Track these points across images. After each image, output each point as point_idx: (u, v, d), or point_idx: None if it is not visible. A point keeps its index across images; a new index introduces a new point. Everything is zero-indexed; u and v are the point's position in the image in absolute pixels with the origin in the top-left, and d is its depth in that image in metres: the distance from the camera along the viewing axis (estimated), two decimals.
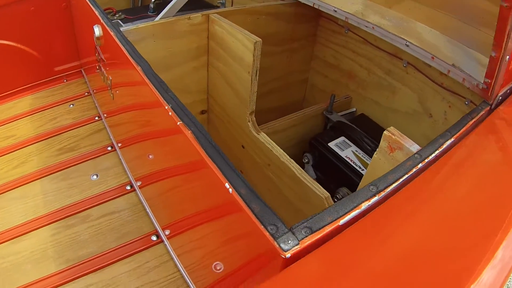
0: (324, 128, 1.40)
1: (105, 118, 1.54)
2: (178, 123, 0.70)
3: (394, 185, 0.56)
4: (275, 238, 0.46)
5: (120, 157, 1.37)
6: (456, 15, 0.91)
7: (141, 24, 1.17)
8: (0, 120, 1.59)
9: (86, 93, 1.77)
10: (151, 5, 1.90)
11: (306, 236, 0.47)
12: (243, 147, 1.23)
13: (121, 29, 1.10)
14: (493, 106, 0.82)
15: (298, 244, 0.46)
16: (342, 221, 0.49)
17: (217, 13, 1.22)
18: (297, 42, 1.45)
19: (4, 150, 1.43)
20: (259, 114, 1.22)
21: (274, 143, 1.08)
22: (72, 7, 1.66)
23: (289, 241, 0.46)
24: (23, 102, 1.70)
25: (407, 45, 0.92)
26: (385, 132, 0.76)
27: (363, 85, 1.38)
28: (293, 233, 0.47)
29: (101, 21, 1.08)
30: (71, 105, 1.69)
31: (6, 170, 1.35)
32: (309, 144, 1.29)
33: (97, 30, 1.10)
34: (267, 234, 0.47)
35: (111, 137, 1.47)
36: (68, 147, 1.47)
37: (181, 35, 1.21)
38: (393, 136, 0.74)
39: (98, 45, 1.13)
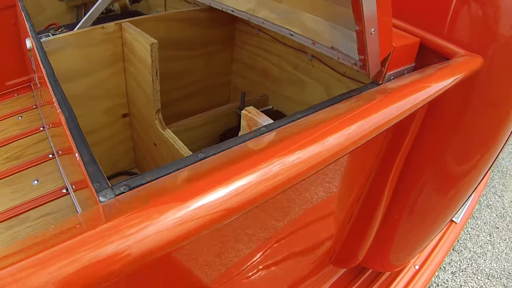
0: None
1: (48, 128, 1.65)
2: (58, 111, 0.79)
3: (222, 152, 0.62)
4: (96, 192, 0.55)
5: (58, 163, 1.48)
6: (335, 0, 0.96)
7: (60, 35, 1.27)
8: None
9: (33, 106, 1.89)
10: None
11: (123, 193, 0.55)
12: (155, 144, 1.32)
13: (42, 40, 1.20)
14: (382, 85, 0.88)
15: (114, 197, 0.54)
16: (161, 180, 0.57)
17: (129, 21, 1.32)
18: (214, 45, 1.55)
19: None
20: (184, 115, 1.32)
21: (177, 138, 1.18)
22: (18, 23, 1.76)
23: (107, 195, 0.54)
24: None
25: (291, 35, 1.00)
26: (243, 111, 0.85)
27: (277, 82, 1.48)
28: (112, 189, 0.55)
29: (29, 33, 1.17)
30: (20, 117, 1.81)
31: None
32: (219, 139, 1.39)
33: (28, 43, 1.17)
34: (92, 189, 0.56)
35: (52, 146, 1.58)
36: (14, 155, 1.58)
37: (97, 43, 1.30)
38: (249, 114, 0.83)
39: (31, 58, 1.22)
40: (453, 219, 1.90)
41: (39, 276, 0.36)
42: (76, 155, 0.66)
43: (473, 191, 1.28)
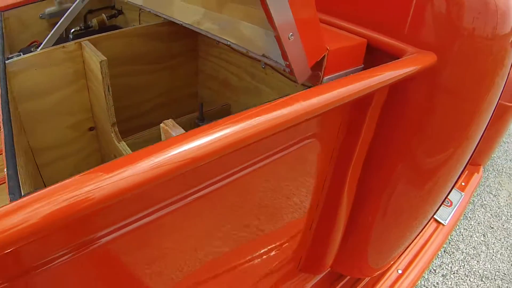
0: None
1: None
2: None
3: None
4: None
5: None
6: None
7: (23, 56, 1.30)
8: None
9: None
10: (70, 36, 2.05)
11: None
12: (115, 156, 1.34)
13: (7, 62, 1.23)
14: None
15: None
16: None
17: (88, 40, 1.34)
18: (177, 58, 1.57)
19: None
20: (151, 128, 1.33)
21: (130, 150, 1.20)
22: None
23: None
24: None
25: (229, 45, 1.00)
26: (161, 124, 0.86)
27: (236, 91, 1.49)
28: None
29: None
30: None
31: None
32: None
33: None
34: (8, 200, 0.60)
35: None
36: None
37: (59, 62, 1.33)
38: (165, 127, 0.84)
39: None
40: (441, 221, 1.87)
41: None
42: (5, 170, 0.70)
43: (453, 186, 1.27)
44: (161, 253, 0.76)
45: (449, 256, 2.04)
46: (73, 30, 2.05)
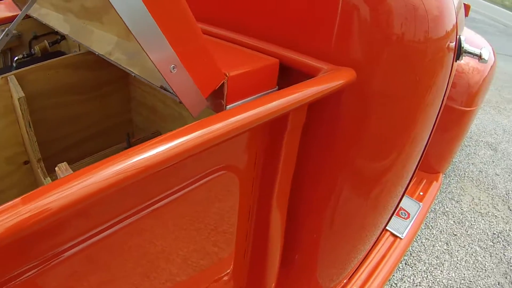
0: None
1: None
2: None
3: None
4: None
5: None
6: None
7: None
8: None
9: None
10: (14, 64, 1.98)
11: None
12: None
13: None
14: None
15: None
16: None
17: (14, 74, 1.29)
18: (108, 86, 1.52)
19: None
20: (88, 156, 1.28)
21: None
22: None
23: None
24: None
25: (135, 76, 0.95)
26: (56, 168, 0.81)
27: (164, 118, 1.46)
28: None
29: None
30: None
31: None
32: None
33: None
34: None
35: None
36: None
37: None
38: (58, 171, 0.80)
39: None
40: (397, 234, 1.84)
41: None
42: None
43: (404, 191, 1.24)
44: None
45: (410, 268, 2.01)
46: (16, 58, 1.99)
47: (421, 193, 2.08)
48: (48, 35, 2.10)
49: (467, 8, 1.79)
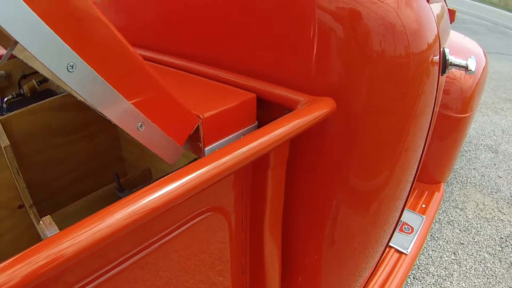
0: None
1: None
2: None
3: None
4: None
5: None
6: None
7: None
8: None
9: None
10: (4, 105, 1.97)
11: None
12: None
13: None
14: None
15: None
16: None
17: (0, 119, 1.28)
18: (96, 125, 1.51)
19: None
20: (80, 198, 1.26)
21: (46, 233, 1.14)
22: None
23: None
24: None
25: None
26: (40, 222, 0.79)
27: (154, 156, 1.43)
28: None
29: None
30: None
31: None
32: None
33: None
34: None
35: None
36: None
37: None
38: (42, 224, 0.78)
39: None
40: (402, 250, 1.80)
41: None
42: None
43: (404, 204, 1.23)
44: None
45: (419, 283, 1.97)
46: (6, 98, 1.98)
47: (423, 206, 2.04)
48: (36, 73, 2.10)
49: (452, 13, 1.77)
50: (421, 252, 2.13)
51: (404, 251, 1.78)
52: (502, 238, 2.22)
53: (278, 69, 0.93)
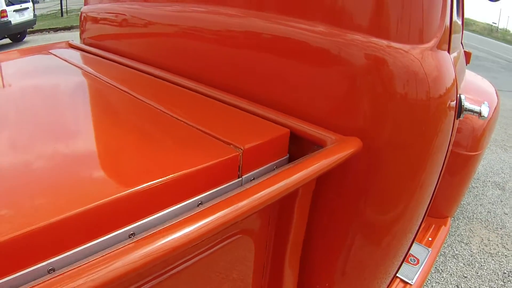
0: None
1: None
2: None
3: None
4: None
5: None
6: None
7: None
8: None
9: None
10: None
11: None
12: None
13: None
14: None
15: None
16: None
17: None
18: None
19: None
20: None
21: None
22: None
23: None
24: None
25: None
26: None
27: None
28: None
29: None
30: None
31: None
32: None
33: None
34: None
35: None
36: None
37: None
38: None
39: None
40: (407, 280, 1.86)
41: None
42: None
43: (414, 238, 1.28)
44: None
45: None
46: None
47: (430, 239, 2.11)
48: None
49: (468, 56, 1.87)
50: (425, 284, 2.18)
51: (409, 282, 1.84)
52: (505, 273, 2.27)
53: (311, 109, 1.04)
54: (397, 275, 1.87)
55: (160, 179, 0.74)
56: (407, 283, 1.85)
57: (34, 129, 1.00)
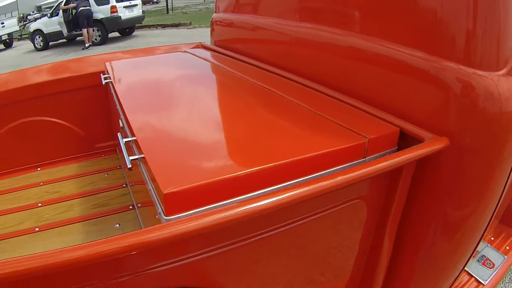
0: None
1: (130, 186, 2.08)
2: None
3: None
4: None
5: (137, 213, 1.88)
6: None
7: None
8: (51, 179, 2.22)
9: (118, 167, 2.36)
10: None
11: None
12: None
13: None
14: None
15: None
16: None
17: None
18: None
19: (52, 201, 2.03)
20: None
21: None
22: (108, 99, 2.26)
23: None
24: (70, 168, 2.34)
25: None
26: None
27: None
28: None
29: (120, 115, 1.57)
30: (106, 174, 2.29)
31: (52, 214, 1.93)
32: None
33: (121, 123, 1.58)
34: None
35: (133, 199, 1.99)
36: (102, 203, 2.02)
37: None
38: None
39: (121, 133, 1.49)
40: (481, 281, 2.02)
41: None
42: None
43: (482, 236, 1.47)
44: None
45: None
46: None
47: (508, 248, 2.23)
48: None
49: None
50: None
51: (483, 282, 2.00)
52: None
53: (413, 113, 1.33)
54: (473, 274, 2.04)
55: (306, 155, 1.12)
56: (480, 283, 2.02)
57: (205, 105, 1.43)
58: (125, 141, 1.28)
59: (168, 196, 0.92)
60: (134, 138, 1.21)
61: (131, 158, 1.18)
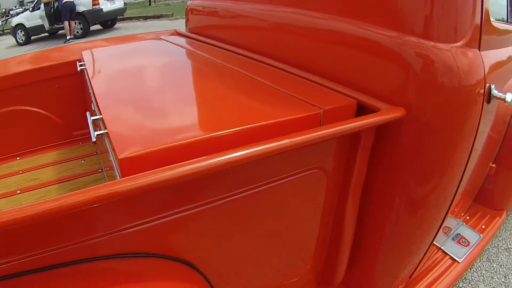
0: None
1: (105, 171, 2.09)
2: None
3: None
4: None
5: None
6: None
7: None
8: (30, 167, 2.24)
9: (94, 153, 2.38)
10: None
11: None
12: None
13: None
14: None
15: None
16: None
17: None
18: None
19: (30, 188, 2.04)
20: None
21: None
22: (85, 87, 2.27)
23: None
24: (49, 156, 2.36)
25: None
26: None
27: None
28: None
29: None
30: (83, 161, 2.31)
31: (31, 200, 1.95)
32: None
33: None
34: None
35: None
36: (78, 188, 2.03)
37: None
38: None
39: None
40: (456, 258, 2.05)
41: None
42: None
43: (447, 212, 1.50)
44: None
45: None
46: None
47: (483, 226, 2.27)
48: None
49: None
50: (474, 270, 2.35)
51: (458, 260, 2.04)
52: None
53: (374, 87, 1.35)
54: (448, 252, 2.07)
55: (262, 123, 1.14)
56: (455, 260, 2.05)
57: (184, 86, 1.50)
58: (93, 119, 1.30)
59: (123, 161, 0.94)
60: (101, 116, 1.22)
61: (96, 133, 1.20)
